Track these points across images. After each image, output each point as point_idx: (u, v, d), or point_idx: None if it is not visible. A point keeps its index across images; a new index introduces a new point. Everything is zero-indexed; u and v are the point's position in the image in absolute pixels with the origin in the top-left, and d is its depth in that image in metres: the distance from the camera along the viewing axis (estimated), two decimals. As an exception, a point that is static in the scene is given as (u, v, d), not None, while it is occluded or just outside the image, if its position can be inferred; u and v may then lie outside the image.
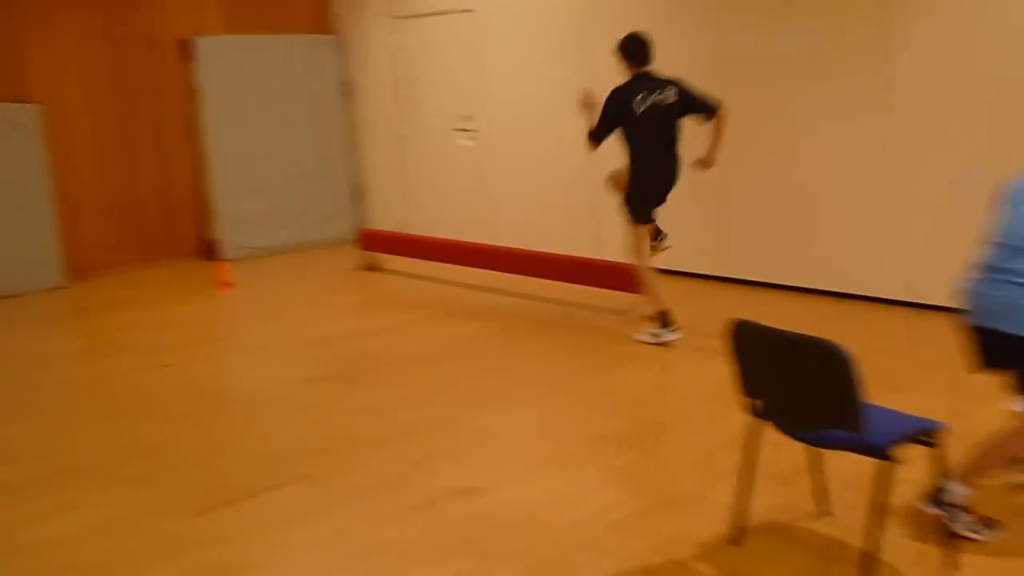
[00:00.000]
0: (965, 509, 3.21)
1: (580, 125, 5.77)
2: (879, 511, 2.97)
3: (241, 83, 9.20)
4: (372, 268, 8.36)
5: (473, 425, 4.61)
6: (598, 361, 5.57)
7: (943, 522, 3.18)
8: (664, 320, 5.78)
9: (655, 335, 5.78)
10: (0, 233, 7.88)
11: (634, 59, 5.57)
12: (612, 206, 7.68)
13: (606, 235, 7.70)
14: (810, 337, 2.86)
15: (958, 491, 3.17)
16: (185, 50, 8.99)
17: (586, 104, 5.65)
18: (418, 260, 8.04)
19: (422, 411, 4.86)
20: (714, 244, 7.25)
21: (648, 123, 5.53)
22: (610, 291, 6.54)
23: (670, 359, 5.54)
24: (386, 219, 9.83)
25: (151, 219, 9.05)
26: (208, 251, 9.27)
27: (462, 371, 5.48)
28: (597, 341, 5.95)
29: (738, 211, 7.07)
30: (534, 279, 7.15)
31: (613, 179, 6.01)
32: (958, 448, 3.35)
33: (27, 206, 8.02)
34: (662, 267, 6.31)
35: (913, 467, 3.37)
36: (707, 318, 6.09)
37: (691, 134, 5.76)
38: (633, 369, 5.40)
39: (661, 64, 5.66)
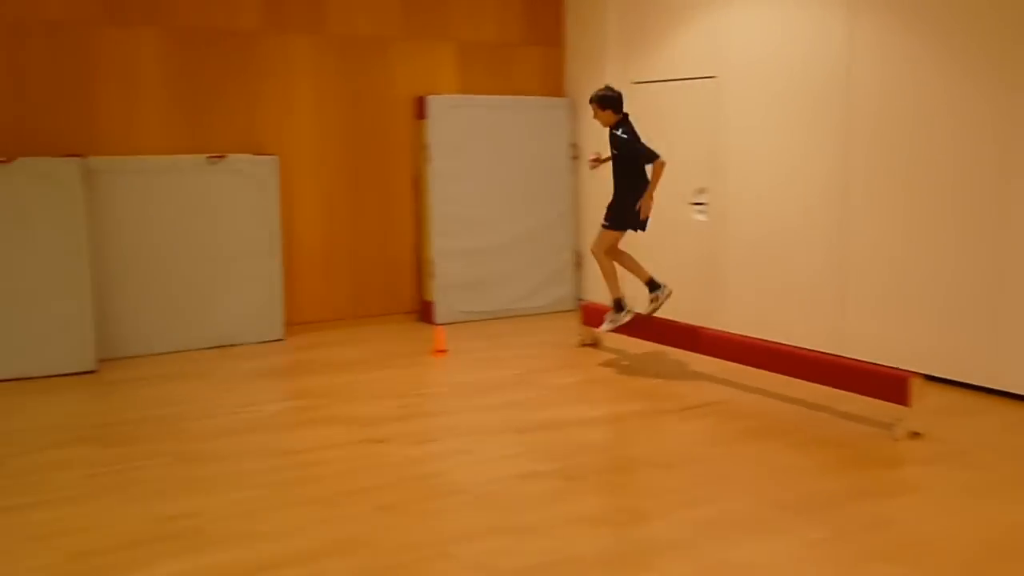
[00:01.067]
0: None
1: (810, 200, 5.04)
2: None
3: (469, 143, 9.00)
4: (591, 344, 7.83)
5: (717, 556, 3.93)
6: (861, 484, 4.76)
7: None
8: (618, 305, 7.08)
9: (612, 320, 7.10)
10: (230, 282, 7.93)
11: (622, 107, 6.90)
12: (861, 295, 6.86)
13: (851, 328, 6.87)
14: None
15: None
16: (418, 108, 8.90)
17: (598, 162, 7.22)
18: (640, 340, 7.46)
19: (654, 528, 4.24)
20: (984, 349, 6.26)
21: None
22: (862, 397, 5.71)
23: (943, 489, 4.66)
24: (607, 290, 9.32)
25: (370, 275, 8.93)
26: (423, 312, 9.06)
27: (698, 481, 4.81)
28: (855, 457, 5.14)
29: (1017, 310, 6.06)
30: (771, 374, 6.38)
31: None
32: None
33: (257, 256, 8.05)
34: (926, 373, 5.44)
35: None
36: (981, 442, 5.17)
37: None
38: (906, 501, 4.56)
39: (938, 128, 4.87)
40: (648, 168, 6.75)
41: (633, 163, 6.76)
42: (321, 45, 8.49)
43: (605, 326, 7.13)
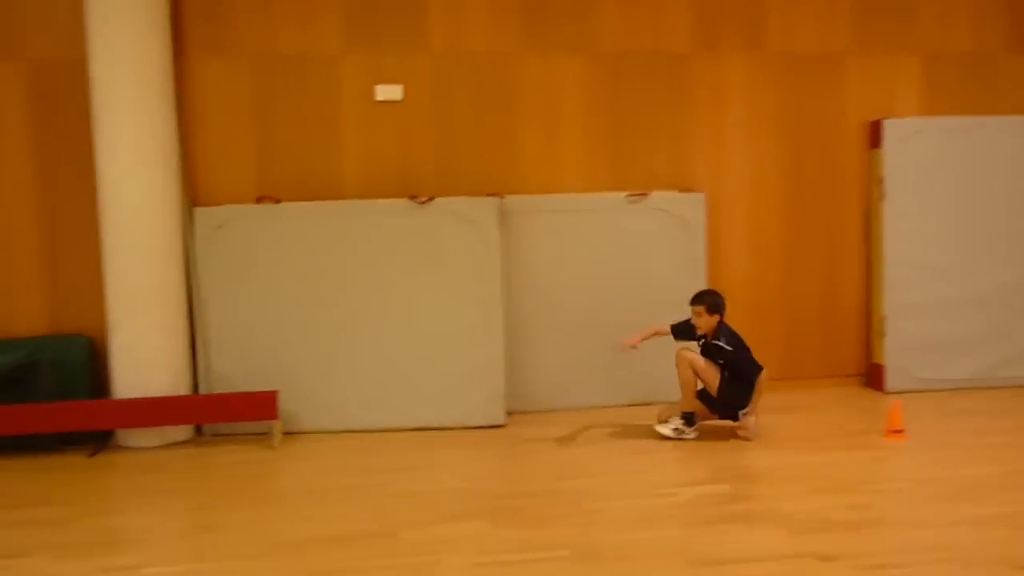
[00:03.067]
0: None
1: None
2: None
3: (935, 174, 7.42)
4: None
5: None
6: None
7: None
8: (690, 419, 6.20)
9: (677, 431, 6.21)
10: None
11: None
12: None
13: None
14: None
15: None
16: (872, 134, 7.51)
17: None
18: None
19: None
20: None
21: None
22: None
23: None
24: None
25: (807, 331, 7.65)
26: (871, 377, 7.60)
27: None
28: None
29: None
30: None
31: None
32: None
33: (673, 305, 7.14)
34: None
35: None
36: None
37: None
38: None
39: None
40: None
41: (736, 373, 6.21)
42: (759, 64, 7.44)
43: (665, 430, 6.29)
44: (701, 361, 6.18)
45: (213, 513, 5.13)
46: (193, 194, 6.80)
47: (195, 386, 6.69)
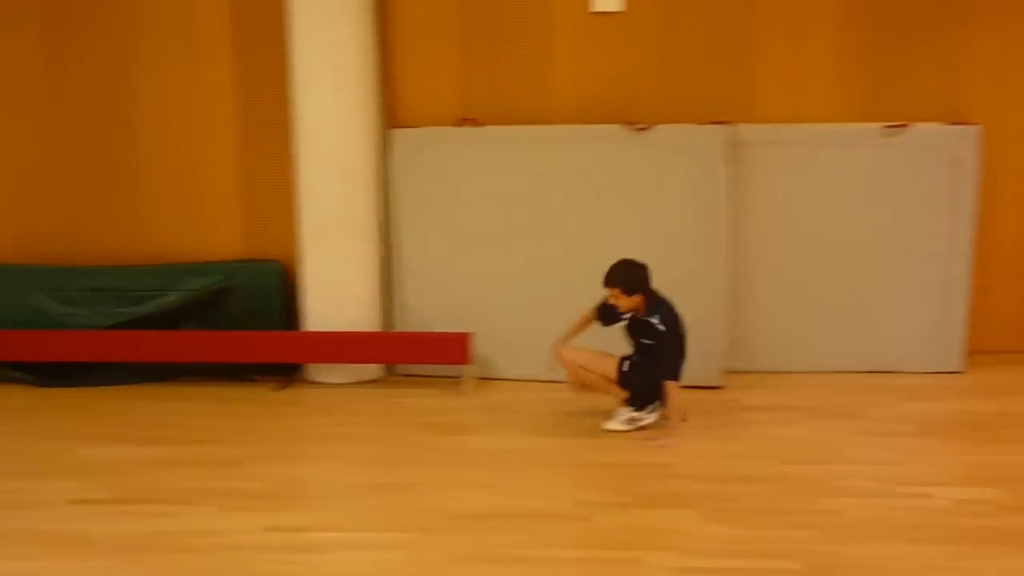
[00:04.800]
0: None
1: None
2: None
3: None
4: None
5: None
6: None
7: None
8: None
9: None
10: (895, 288, 6.07)
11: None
12: None
13: None
14: None
15: None
16: None
17: None
18: None
19: None
20: None
21: None
22: None
23: None
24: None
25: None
26: None
27: None
28: None
29: None
30: None
31: None
32: None
33: (934, 258, 6.04)
34: None
35: None
36: None
37: None
38: None
39: None
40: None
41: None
42: (1062, -32, 6.05)
43: (615, 425, 5.18)
44: (586, 353, 5.16)
45: (391, 470, 4.66)
46: (391, 115, 6.28)
47: (386, 321, 6.27)
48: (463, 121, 6.22)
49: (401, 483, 4.45)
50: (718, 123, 5.91)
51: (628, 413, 5.17)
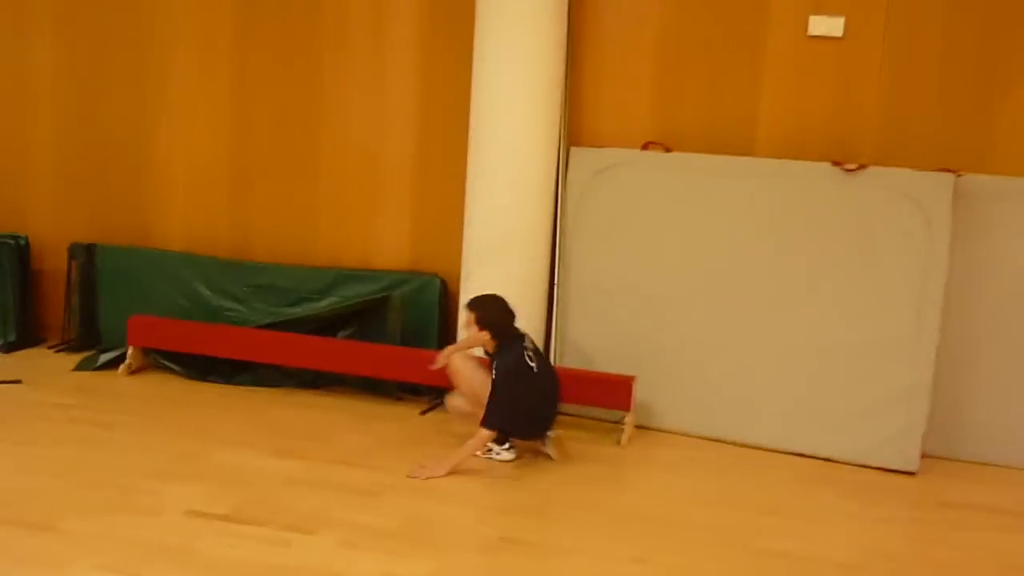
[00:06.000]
0: None
1: None
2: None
3: None
4: None
5: None
6: None
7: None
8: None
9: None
10: None
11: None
12: None
13: None
14: None
15: None
16: None
17: None
18: None
19: None
20: None
21: None
22: None
23: None
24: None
25: None
26: None
27: None
28: None
29: None
30: None
31: None
32: None
33: None
34: None
35: None
36: None
37: None
38: None
39: None
40: None
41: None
42: None
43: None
44: (469, 366, 4.98)
45: (529, 524, 4.18)
46: (574, 132, 5.84)
47: (546, 352, 5.80)
48: (648, 145, 5.71)
49: (538, 542, 3.96)
50: (945, 170, 5.15)
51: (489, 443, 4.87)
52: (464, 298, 5.71)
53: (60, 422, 5.07)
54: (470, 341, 4.99)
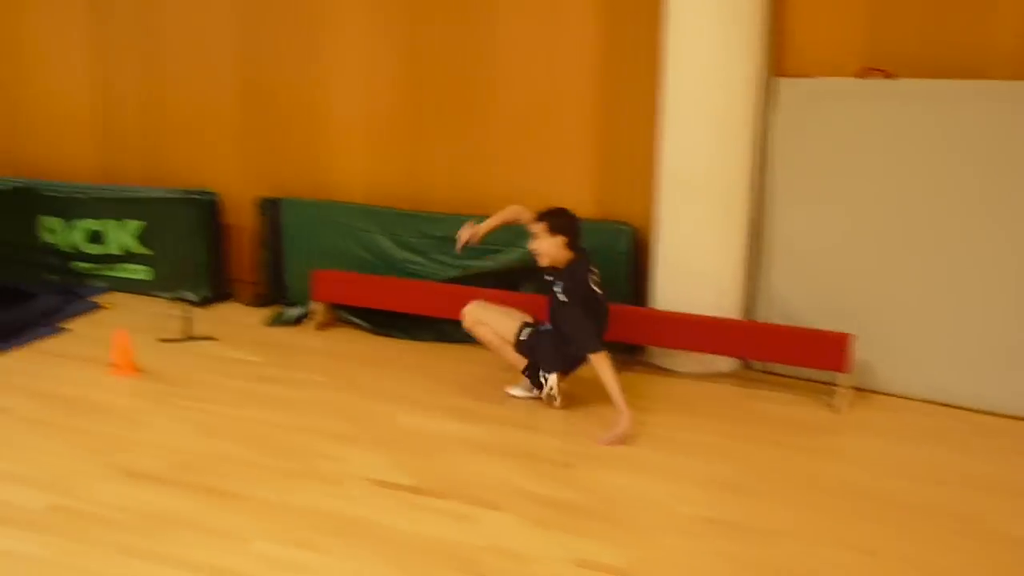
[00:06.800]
0: None
1: None
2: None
3: None
4: None
5: None
6: None
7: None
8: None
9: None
10: None
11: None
12: None
13: None
14: None
15: None
16: None
17: None
18: None
19: None
20: None
21: None
22: None
23: None
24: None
25: None
26: None
27: None
28: None
29: None
30: None
31: None
32: None
33: None
34: None
35: None
36: None
37: None
38: None
39: None
40: None
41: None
42: None
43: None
44: (491, 311, 4.81)
45: (739, 502, 3.75)
46: (779, 60, 5.22)
47: (746, 308, 5.30)
48: (869, 71, 5.02)
49: (750, 526, 3.54)
50: None
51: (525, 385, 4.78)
52: (657, 248, 5.30)
53: (247, 380, 5.03)
54: (504, 217, 4.85)
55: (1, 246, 6.62)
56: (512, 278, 5.69)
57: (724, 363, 5.27)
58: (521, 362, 4.74)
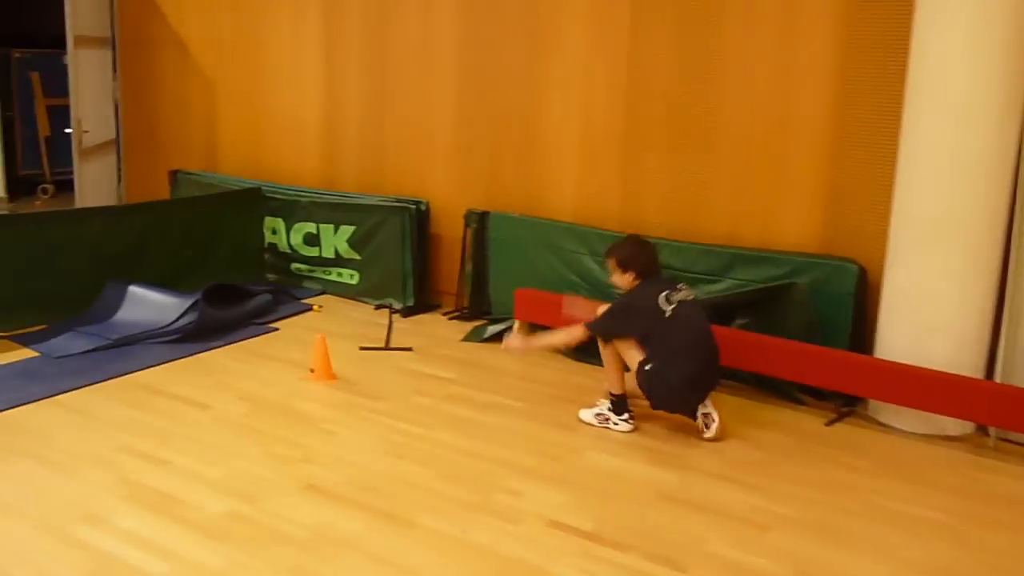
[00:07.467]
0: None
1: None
2: None
3: None
4: None
5: None
6: None
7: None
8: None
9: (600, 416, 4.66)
10: None
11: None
12: None
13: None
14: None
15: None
16: None
17: None
18: None
19: None
20: None
21: None
22: None
23: None
24: None
25: None
26: None
27: None
28: None
29: None
30: None
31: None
32: None
33: None
34: None
35: None
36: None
37: None
38: None
39: None
40: None
41: None
42: None
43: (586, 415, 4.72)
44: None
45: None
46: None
47: (990, 367, 4.69)
48: None
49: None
50: None
51: (604, 408, 4.64)
52: (887, 290, 4.80)
53: (438, 398, 4.94)
54: (564, 340, 4.80)
55: (232, 243, 6.89)
56: (721, 311, 5.32)
57: (955, 426, 4.68)
58: (636, 393, 4.56)
